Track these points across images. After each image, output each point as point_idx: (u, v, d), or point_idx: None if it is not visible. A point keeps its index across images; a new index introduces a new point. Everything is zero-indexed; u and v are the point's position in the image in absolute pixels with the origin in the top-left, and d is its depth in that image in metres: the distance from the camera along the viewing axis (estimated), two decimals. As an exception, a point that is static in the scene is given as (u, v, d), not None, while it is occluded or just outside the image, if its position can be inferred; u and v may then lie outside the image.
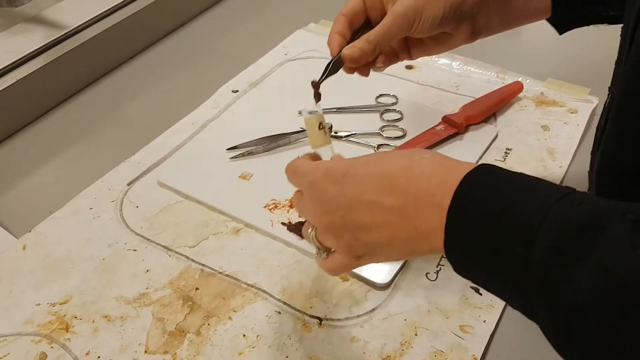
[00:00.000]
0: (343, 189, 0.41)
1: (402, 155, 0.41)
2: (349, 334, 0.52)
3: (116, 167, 0.69)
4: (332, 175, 0.42)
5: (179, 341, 0.52)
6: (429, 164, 0.39)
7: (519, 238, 0.32)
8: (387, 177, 0.40)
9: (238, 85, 0.82)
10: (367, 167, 0.41)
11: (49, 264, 0.59)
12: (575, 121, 0.73)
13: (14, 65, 0.78)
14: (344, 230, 0.42)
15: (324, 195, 0.42)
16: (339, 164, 0.43)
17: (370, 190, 0.40)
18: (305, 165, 0.45)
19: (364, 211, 0.40)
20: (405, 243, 0.40)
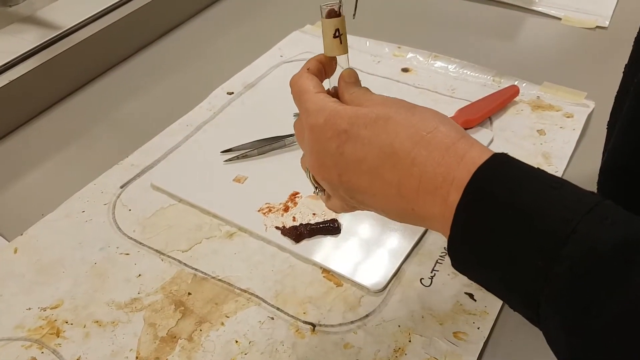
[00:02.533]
0: (342, 147, 0.39)
1: (411, 126, 0.37)
2: (342, 340, 0.51)
3: (109, 170, 0.69)
4: (333, 128, 0.39)
5: (171, 347, 0.51)
6: (438, 147, 0.36)
7: (540, 251, 0.30)
8: (391, 150, 0.37)
9: (233, 87, 0.81)
10: (372, 129, 0.38)
11: (40, 268, 0.58)
12: (571, 125, 0.72)
13: (7, 65, 0.77)
14: (340, 187, 0.40)
15: (323, 147, 0.40)
16: (343, 115, 0.39)
17: (371, 158, 0.38)
18: (310, 98, 0.41)
19: (361, 175, 0.39)
20: (400, 215, 0.39)
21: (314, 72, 0.44)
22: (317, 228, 0.60)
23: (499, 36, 0.92)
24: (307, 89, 0.42)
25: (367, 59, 0.85)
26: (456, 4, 0.99)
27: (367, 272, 0.56)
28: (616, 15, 0.94)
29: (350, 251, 0.58)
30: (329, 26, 0.44)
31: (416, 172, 0.36)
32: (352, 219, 0.61)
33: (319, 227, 0.60)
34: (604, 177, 0.48)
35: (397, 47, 0.87)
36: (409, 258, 0.58)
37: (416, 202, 0.36)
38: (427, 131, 0.37)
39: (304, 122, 0.42)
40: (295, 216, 0.62)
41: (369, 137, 0.38)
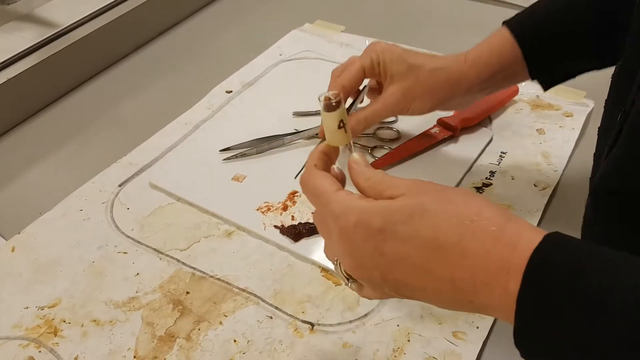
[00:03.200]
0: (382, 248, 0.37)
1: (452, 216, 0.36)
2: (341, 340, 0.51)
3: (107, 168, 0.69)
4: (367, 229, 0.37)
5: (169, 346, 0.51)
6: (486, 236, 0.34)
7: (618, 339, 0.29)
8: (436, 244, 0.35)
9: (232, 85, 0.81)
10: (410, 224, 0.36)
11: (38, 267, 0.58)
12: (570, 125, 0.72)
13: (4, 63, 0.77)
14: (384, 285, 0.38)
15: (359, 249, 0.38)
16: (375, 213, 0.37)
17: (414, 255, 0.36)
18: (332, 198, 0.39)
19: (408, 273, 0.37)
20: (456, 306, 0.37)
21: (322, 167, 0.43)
22: (316, 227, 0.60)
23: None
24: (325, 189, 0.40)
25: (366, 58, 0.85)
26: (456, 3, 0.99)
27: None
28: (616, 14, 0.93)
29: (349, 250, 0.58)
30: (332, 119, 0.43)
31: (468, 265, 0.34)
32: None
33: (318, 226, 0.60)
34: (594, 200, 0.47)
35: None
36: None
37: (474, 295, 0.35)
38: (470, 220, 0.35)
39: (330, 225, 0.40)
40: (294, 215, 0.62)
41: (408, 234, 0.36)
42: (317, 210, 0.42)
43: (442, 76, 0.59)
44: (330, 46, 0.87)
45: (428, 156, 0.68)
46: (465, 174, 0.66)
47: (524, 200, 0.63)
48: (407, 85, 0.59)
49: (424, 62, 0.60)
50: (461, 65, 0.59)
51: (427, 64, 0.60)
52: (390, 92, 0.60)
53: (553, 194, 0.64)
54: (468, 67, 0.59)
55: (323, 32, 0.91)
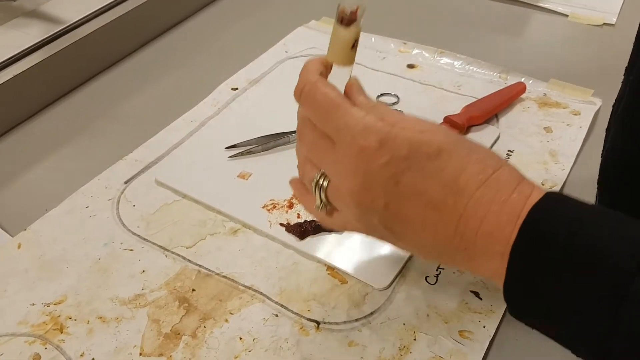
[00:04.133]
0: (399, 177, 0.35)
1: (477, 162, 0.35)
2: (346, 338, 0.51)
3: (113, 165, 0.69)
4: (390, 154, 0.35)
5: (175, 344, 0.51)
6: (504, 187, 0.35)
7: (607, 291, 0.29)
8: (456, 186, 0.35)
9: (238, 82, 0.81)
10: (437, 161, 0.35)
11: (44, 263, 0.58)
12: (578, 123, 0.72)
13: (11, 60, 0.77)
14: (379, 216, 0.37)
15: (372, 173, 0.36)
16: (402, 140, 0.35)
17: (432, 192, 0.35)
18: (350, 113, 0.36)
19: (415, 208, 0.36)
20: (442, 253, 0.37)
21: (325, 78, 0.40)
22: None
23: (506, 32, 0.92)
24: (340, 101, 0.37)
25: (373, 55, 0.84)
26: (462, 0, 0.99)
27: (372, 269, 0.56)
28: (624, 12, 0.93)
29: (355, 248, 0.58)
30: (348, 36, 0.38)
31: (481, 212, 0.34)
32: (357, 216, 0.61)
33: (324, 224, 0.60)
34: (603, 177, 0.47)
35: (403, 43, 0.87)
36: (414, 256, 0.57)
37: (473, 242, 0.35)
38: (494, 169, 0.35)
39: (342, 138, 0.37)
40: (299, 213, 0.61)
41: (431, 170, 0.35)
42: (322, 120, 0.38)
43: None
44: (336, 43, 0.87)
45: (434, 154, 0.68)
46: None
47: (531, 199, 0.62)
48: None
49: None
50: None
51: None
52: None
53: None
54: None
55: (329, 29, 0.90)
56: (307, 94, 0.39)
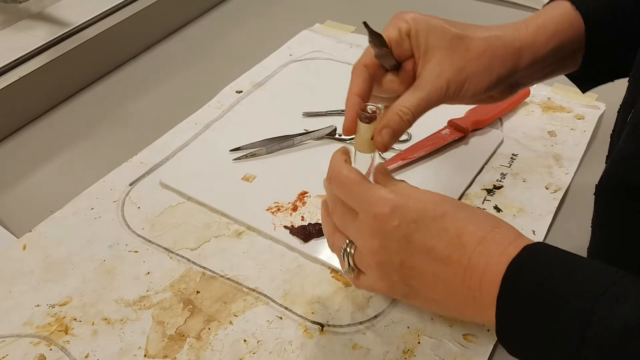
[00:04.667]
0: (411, 236, 0.41)
1: (477, 222, 0.41)
2: (350, 341, 0.51)
3: (118, 167, 0.69)
4: (401, 218, 0.41)
5: (179, 345, 0.51)
6: (502, 239, 0.40)
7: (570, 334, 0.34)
8: (459, 242, 0.40)
9: (242, 85, 0.81)
10: (441, 222, 0.41)
11: (49, 265, 0.58)
12: (582, 127, 0.72)
13: (16, 62, 0.77)
14: (397, 273, 0.42)
15: (388, 234, 0.42)
16: (410, 206, 0.41)
17: (440, 248, 0.40)
18: (367, 187, 0.43)
19: (427, 263, 0.41)
20: (455, 305, 0.42)
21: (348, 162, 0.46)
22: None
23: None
24: (360, 180, 0.43)
25: (377, 59, 0.84)
26: (466, 4, 0.99)
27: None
28: (628, 16, 0.93)
29: (359, 251, 0.58)
30: (367, 130, 0.45)
31: (482, 264, 0.39)
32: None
33: (328, 227, 0.60)
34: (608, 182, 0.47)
35: (407, 46, 0.87)
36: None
37: (479, 291, 0.39)
38: (492, 227, 0.40)
39: (362, 209, 0.43)
40: (303, 215, 0.62)
41: (438, 230, 0.41)
42: (347, 196, 0.44)
43: (500, 46, 0.47)
44: (340, 46, 0.87)
45: (438, 158, 0.68)
46: (476, 175, 0.66)
47: (535, 203, 0.63)
48: (456, 61, 0.45)
49: (473, 30, 0.47)
50: (523, 33, 0.48)
51: (477, 32, 0.47)
52: (436, 71, 0.45)
53: (564, 197, 0.64)
54: (532, 34, 0.47)
55: (333, 32, 0.91)
56: (335, 177, 0.45)
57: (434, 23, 0.47)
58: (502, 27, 0.49)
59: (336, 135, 0.71)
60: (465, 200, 0.64)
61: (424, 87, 0.46)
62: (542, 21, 0.49)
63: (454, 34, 0.46)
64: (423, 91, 0.46)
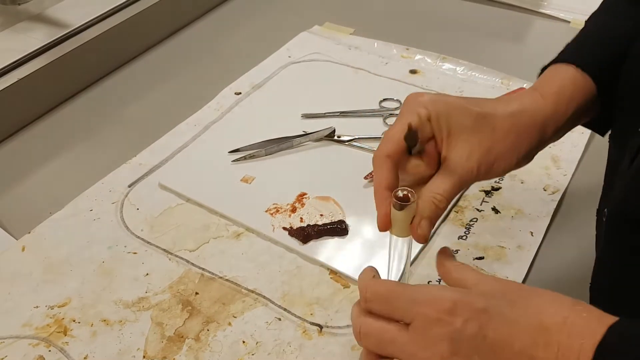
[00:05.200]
0: (485, 329, 0.35)
1: (553, 301, 0.37)
2: (349, 342, 0.51)
3: (117, 169, 0.69)
4: (469, 307, 0.36)
5: (178, 347, 0.51)
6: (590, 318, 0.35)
7: None
8: (541, 326, 0.35)
9: (241, 87, 0.81)
10: (515, 307, 0.36)
11: (48, 266, 0.58)
12: (580, 129, 0.71)
13: (15, 64, 0.77)
14: None
15: (459, 333, 0.36)
16: (475, 295, 0.37)
17: (521, 337, 0.35)
18: (416, 290, 0.38)
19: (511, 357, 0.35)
20: None
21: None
22: (325, 229, 0.60)
23: (508, 38, 0.92)
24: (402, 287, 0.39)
25: (375, 60, 0.85)
26: (465, 6, 0.99)
27: (374, 273, 0.56)
28: (625, 18, 0.93)
29: (357, 252, 0.58)
30: (407, 215, 0.42)
31: (576, 345, 0.34)
32: (359, 220, 0.61)
33: (327, 228, 0.60)
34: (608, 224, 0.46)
35: (406, 48, 0.87)
36: (417, 260, 0.58)
37: None
38: (569, 305, 0.36)
39: (416, 317, 0.37)
40: (302, 217, 0.62)
41: (515, 317, 0.36)
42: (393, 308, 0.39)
43: (525, 122, 0.46)
44: (338, 48, 0.88)
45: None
46: (474, 177, 0.66)
47: (533, 205, 0.63)
48: (484, 141, 0.44)
49: (493, 107, 0.46)
50: (541, 104, 0.47)
51: (499, 109, 0.46)
52: (465, 154, 0.44)
53: (562, 199, 0.64)
54: (553, 105, 0.47)
55: (332, 34, 0.91)
56: (371, 291, 0.40)
57: (453, 103, 0.45)
58: (519, 100, 0.47)
59: (335, 137, 0.71)
60: (463, 201, 0.64)
61: (454, 171, 0.44)
62: (557, 89, 0.48)
63: (476, 114, 0.44)
64: (454, 175, 0.44)
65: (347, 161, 0.69)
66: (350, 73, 0.83)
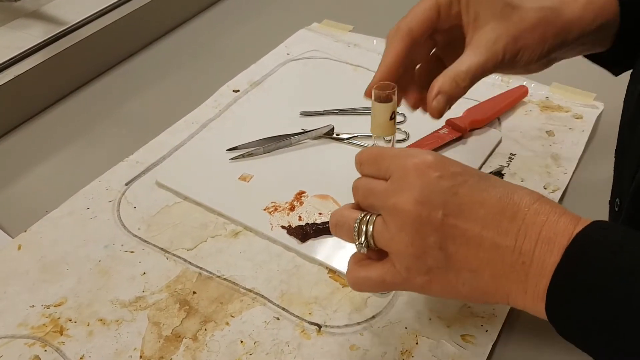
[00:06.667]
0: (457, 188, 0.37)
1: (525, 187, 0.38)
2: (348, 342, 0.51)
3: (114, 167, 0.68)
4: (446, 167, 0.37)
5: (175, 346, 0.51)
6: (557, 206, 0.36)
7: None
8: (511, 201, 0.36)
9: (239, 84, 0.80)
10: (488, 180, 0.37)
11: (44, 265, 0.58)
12: (580, 127, 0.72)
13: (12, 61, 0.77)
14: (435, 232, 0.36)
15: (432, 184, 0.37)
16: (454, 162, 0.38)
17: (491, 203, 0.36)
18: (404, 149, 0.40)
19: (475, 221, 0.36)
20: (493, 276, 0.36)
21: None
22: (324, 228, 0.59)
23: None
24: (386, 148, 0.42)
25: (375, 58, 0.84)
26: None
27: (373, 272, 0.55)
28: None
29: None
30: (385, 110, 0.43)
31: (540, 221, 0.35)
32: (358, 219, 0.61)
33: (325, 227, 0.60)
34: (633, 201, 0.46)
35: (405, 46, 0.86)
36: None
37: (531, 254, 0.35)
38: (539, 195, 0.37)
39: (395, 167, 0.39)
40: (301, 215, 0.61)
41: (486, 186, 0.37)
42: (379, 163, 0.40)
43: (553, 19, 0.46)
44: (337, 46, 0.87)
45: (436, 157, 0.68)
46: (474, 175, 0.66)
47: (533, 203, 0.62)
48: (511, 29, 0.44)
49: (523, 0, 0.46)
50: (573, 6, 0.47)
51: (529, 3, 0.46)
52: (492, 37, 0.44)
53: (563, 196, 0.64)
54: (581, 9, 0.47)
55: (331, 31, 0.91)
56: (365, 154, 0.42)
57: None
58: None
59: (334, 135, 0.71)
60: (463, 200, 0.63)
61: (480, 52, 0.44)
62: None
63: (506, 2, 0.45)
64: (480, 56, 0.44)
65: (346, 159, 0.68)
66: (349, 70, 0.82)
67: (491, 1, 0.44)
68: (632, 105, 0.48)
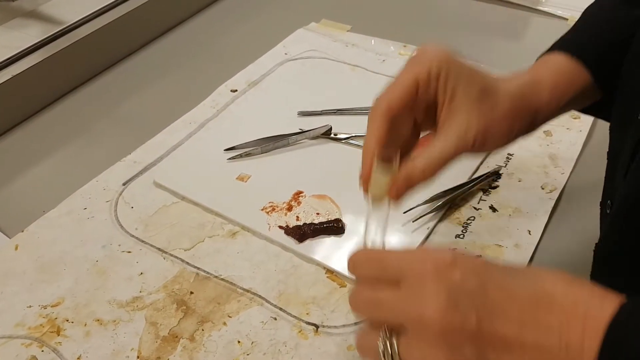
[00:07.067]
0: (486, 284, 0.33)
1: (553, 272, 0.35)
2: (345, 342, 0.51)
3: (112, 167, 0.68)
4: (466, 263, 0.34)
5: (172, 347, 0.51)
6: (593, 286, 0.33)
7: None
8: (544, 291, 0.33)
9: (237, 84, 0.80)
10: (512, 272, 0.34)
11: (41, 265, 0.58)
12: (578, 127, 0.72)
13: (9, 60, 0.77)
14: (471, 341, 0.33)
15: (458, 286, 0.33)
16: (473, 257, 0.35)
17: (523, 297, 0.33)
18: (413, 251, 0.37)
19: (511, 323, 0.32)
20: None
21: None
22: (321, 228, 0.59)
23: (505, 36, 0.92)
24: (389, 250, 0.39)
25: (373, 58, 0.84)
26: (462, 3, 0.99)
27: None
28: (623, 16, 0.93)
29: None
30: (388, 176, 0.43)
31: (581, 312, 0.32)
32: (355, 219, 0.61)
33: (323, 227, 0.60)
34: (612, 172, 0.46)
35: (403, 45, 0.87)
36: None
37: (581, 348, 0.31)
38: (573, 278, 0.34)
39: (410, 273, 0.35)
40: (298, 215, 0.61)
41: (512, 277, 0.34)
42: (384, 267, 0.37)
43: (522, 108, 0.46)
44: (336, 45, 0.87)
45: (434, 157, 0.68)
46: (472, 175, 0.66)
47: (531, 203, 0.62)
48: (482, 119, 0.44)
49: (496, 84, 0.46)
50: (538, 94, 0.48)
51: (501, 87, 0.46)
52: (464, 126, 0.43)
53: (560, 197, 0.64)
54: (548, 96, 0.48)
55: (329, 31, 0.91)
56: (360, 255, 0.40)
57: (464, 68, 0.44)
58: (517, 81, 0.47)
59: (331, 135, 0.71)
60: (461, 200, 0.63)
61: (451, 140, 0.44)
62: (555, 78, 0.48)
63: (482, 86, 0.44)
64: (451, 144, 0.43)
65: (343, 159, 0.68)
66: (347, 70, 0.82)
67: (469, 84, 0.44)
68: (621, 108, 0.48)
